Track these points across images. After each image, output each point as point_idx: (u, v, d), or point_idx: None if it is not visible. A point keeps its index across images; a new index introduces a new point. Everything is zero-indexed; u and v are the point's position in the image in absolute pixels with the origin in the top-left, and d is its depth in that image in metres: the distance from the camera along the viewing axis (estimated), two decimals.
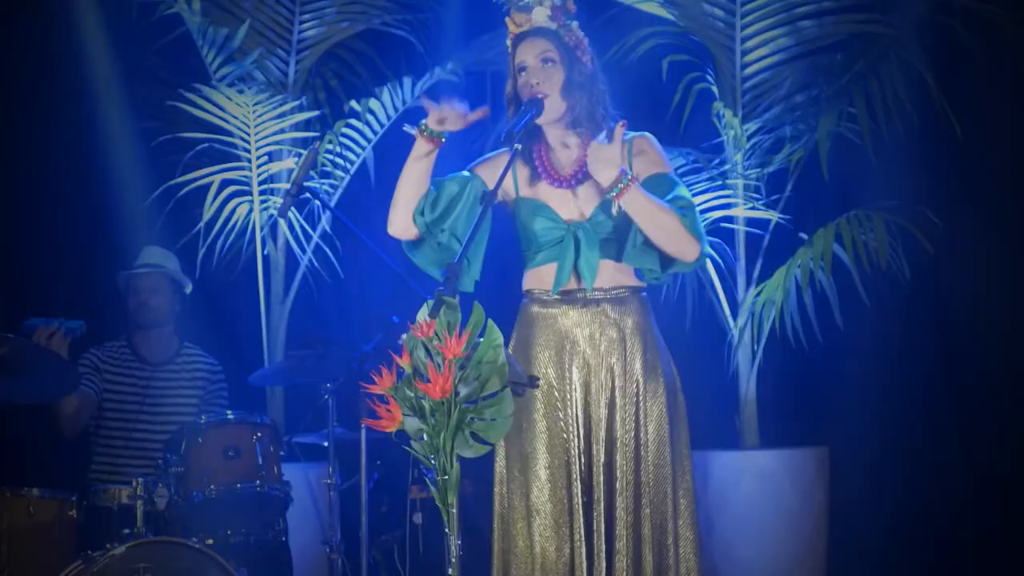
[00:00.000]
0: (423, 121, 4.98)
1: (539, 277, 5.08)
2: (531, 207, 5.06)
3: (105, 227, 7.80)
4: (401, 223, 5.07)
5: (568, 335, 5.02)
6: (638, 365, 5.00)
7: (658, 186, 4.98)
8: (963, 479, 7.38)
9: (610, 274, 5.02)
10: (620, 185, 4.84)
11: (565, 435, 4.97)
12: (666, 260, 5.01)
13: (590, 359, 5.00)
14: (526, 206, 5.07)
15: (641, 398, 4.98)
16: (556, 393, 5.00)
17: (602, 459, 4.95)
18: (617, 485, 4.93)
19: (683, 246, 4.94)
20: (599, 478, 4.95)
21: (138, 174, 7.84)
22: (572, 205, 5.05)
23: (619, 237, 4.99)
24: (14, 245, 7.75)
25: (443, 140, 4.99)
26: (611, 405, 4.98)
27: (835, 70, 7.53)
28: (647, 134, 5.14)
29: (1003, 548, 7.37)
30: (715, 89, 7.57)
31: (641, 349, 5.00)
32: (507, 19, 5.13)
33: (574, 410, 4.98)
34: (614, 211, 4.94)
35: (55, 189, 7.85)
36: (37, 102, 7.86)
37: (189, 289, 7.39)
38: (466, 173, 5.14)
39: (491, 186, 4.96)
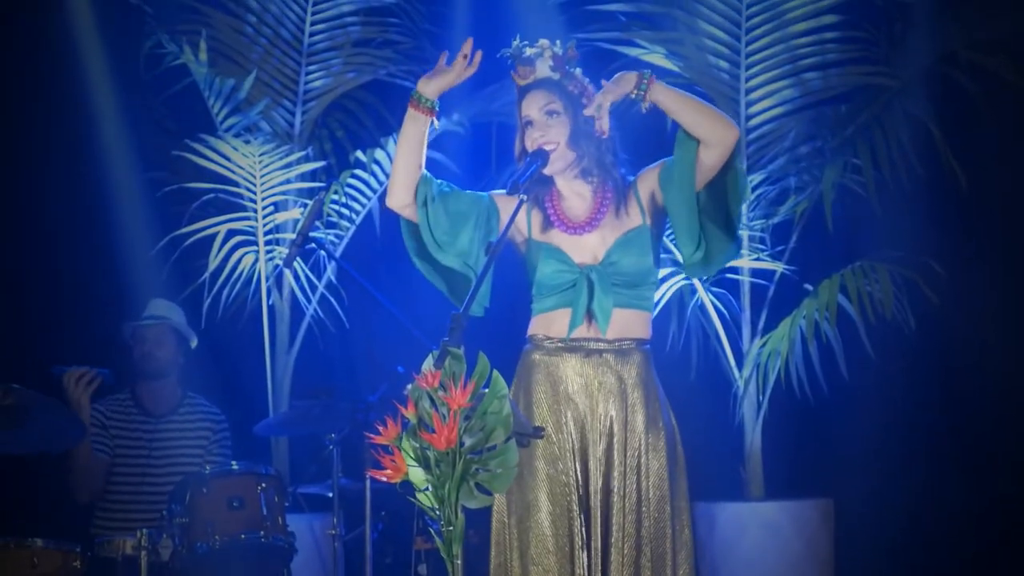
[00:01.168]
0: (414, 90, 4.98)
1: (547, 322, 5.05)
2: (543, 250, 5.04)
3: (111, 277, 7.81)
4: (398, 199, 5.05)
5: (568, 383, 4.99)
6: (640, 418, 4.97)
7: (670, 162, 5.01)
8: (968, 531, 7.36)
9: (619, 323, 5.00)
10: (644, 82, 4.90)
11: (566, 484, 4.94)
12: (717, 257, 5.04)
13: (587, 409, 4.97)
14: (538, 249, 5.05)
15: (642, 452, 4.96)
16: (555, 442, 4.98)
17: (599, 511, 4.93)
18: (613, 539, 4.91)
19: (723, 128, 4.92)
20: (597, 530, 4.92)
21: (144, 224, 7.86)
22: (585, 250, 5.03)
23: (632, 282, 4.99)
24: (19, 295, 7.76)
25: (435, 109, 4.98)
26: (609, 456, 4.95)
27: (840, 121, 7.55)
28: (643, 170, 5.14)
29: None
30: None
31: (643, 402, 4.98)
32: (512, 73, 5.15)
33: (573, 460, 4.96)
34: (644, 109, 4.94)
35: (61, 239, 7.87)
36: (45, 152, 7.89)
37: (194, 344, 7.39)
38: (482, 194, 5.12)
39: (503, 217, 4.99)
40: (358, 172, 7.82)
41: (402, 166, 5.05)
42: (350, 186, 7.83)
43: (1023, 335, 7.31)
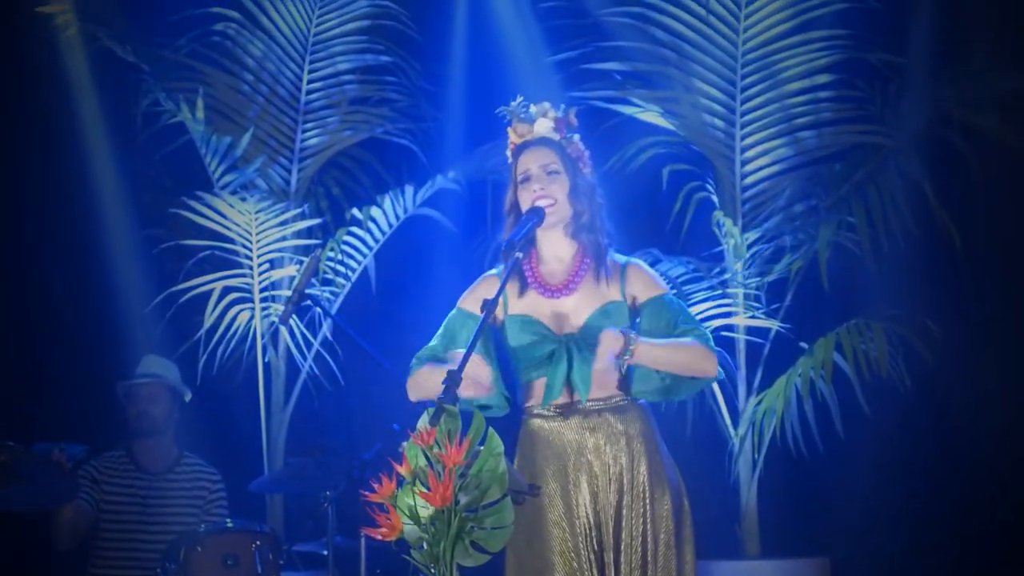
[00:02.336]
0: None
1: (535, 392, 5.05)
2: (520, 323, 5.04)
3: (106, 334, 7.81)
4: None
5: (573, 446, 4.99)
6: (643, 471, 4.97)
7: (659, 310, 4.99)
8: None
9: (603, 384, 4.99)
10: (630, 347, 4.84)
11: (577, 543, 4.94)
12: (672, 389, 5.04)
13: (597, 468, 4.97)
14: (515, 323, 5.05)
15: (648, 504, 4.96)
16: (563, 505, 4.97)
17: (611, 567, 4.92)
18: None
19: (704, 367, 5.00)
20: None
21: (140, 281, 7.86)
22: (564, 316, 5.04)
23: None
24: (13, 352, 7.75)
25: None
26: (618, 512, 4.96)
27: (835, 180, 7.57)
28: (636, 260, 5.15)
29: None
30: (715, 198, 7.61)
31: (646, 455, 4.99)
32: (509, 129, 5.16)
33: (583, 520, 4.95)
34: (622, 370, 4.94)
35: (57, 295, 7.87)
36: (41, 207, 7.90)
37: (188, 398, 7.38)
38: (453, 314, 5.11)
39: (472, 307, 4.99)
40: (354, 229, 7.83)
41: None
42: (346, 243, 7.84)
43: (1018, 394, 7.31)
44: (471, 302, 5.07)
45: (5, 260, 7.75)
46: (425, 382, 4.94)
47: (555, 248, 5.11)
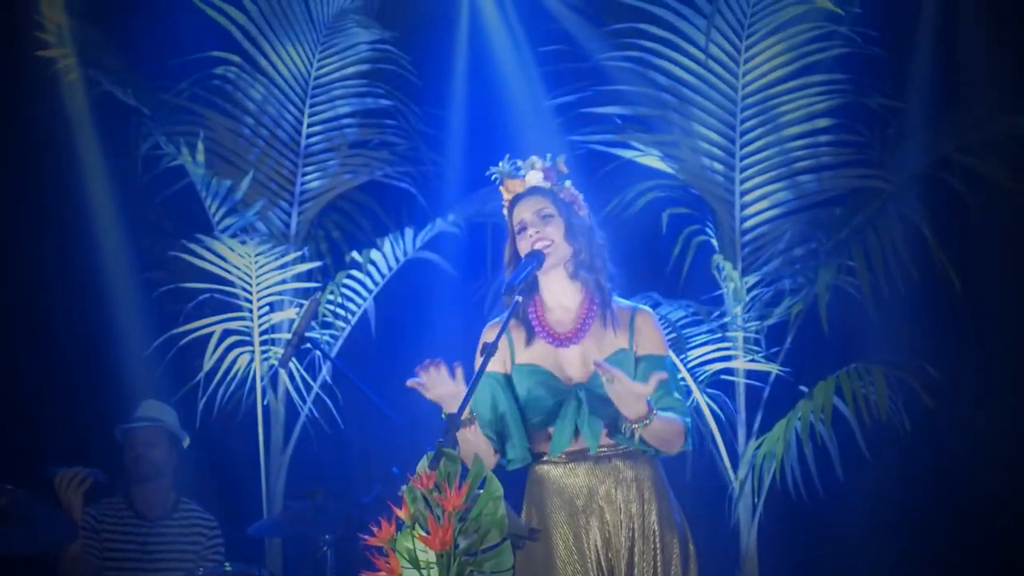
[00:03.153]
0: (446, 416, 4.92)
1: (544, 440, 5.05)
2: (529, 372, 5.04)
3: (106, 378, 7.80)
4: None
5: (583, 493, 4.99)
6: (654, 516, 4.98)
7: (654, 367, 4.96)
8: None
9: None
10: (646, 421, 4.83)
11: None
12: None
13: (608, 514, 4.97)
14: (524, 372, 5.05)
15: (658, 549, 4.96)
16: (575, 550, 4.96)
17: None
18: None
19: (678, 444, 5.01)
20: None
21: (139, 324, 7.86)
22: (572, 365, 5.04)
23: None
24: (13, 394, 7.74)
25: (469, 422, 4.96)
26: (630, 556, 4.95)
27: (834, 224, 7.58)
28: (649, 311, 5.15)
29: None
30: (715, 242, 7.62)
31: (656, 500, 5.00)
32: (500, 187, 5.18)
33: (595, 564, 4.95)
34: (628, 435, 4.92)
35: (57, 338, 7.87)
36: (41, 250, 7.91)
37: (186, 444, 7.36)
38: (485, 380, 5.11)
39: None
40: (353, 272, 7.83)
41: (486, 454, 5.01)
42: (346, 286, 7.84)
43: (1018, 438, 7.30)
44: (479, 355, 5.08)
45: (4, 301, 7.75)
46: None
47: (560, 294, 5.12)
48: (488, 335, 5.06)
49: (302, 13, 7.97)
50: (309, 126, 8.12)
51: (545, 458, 5.04)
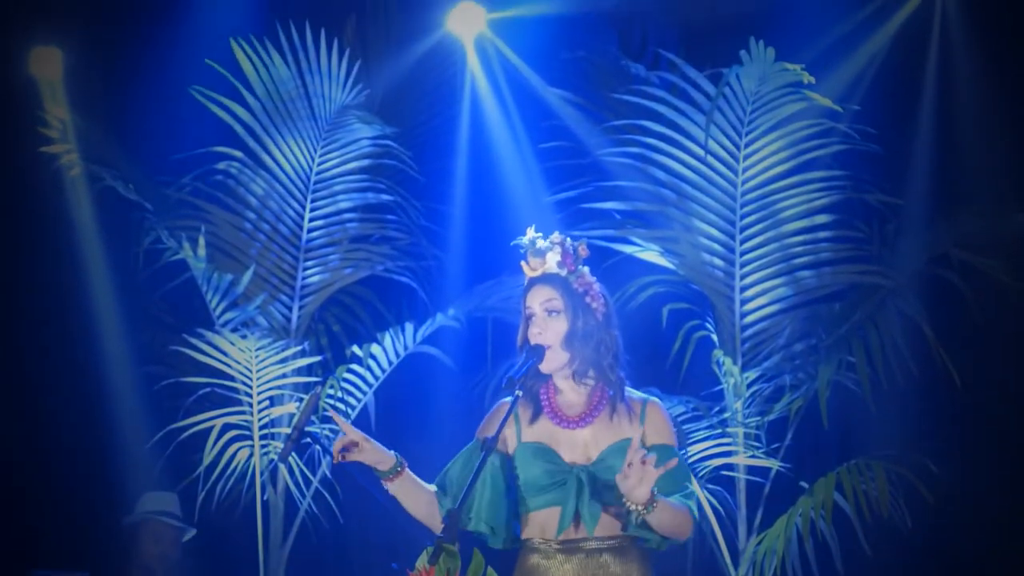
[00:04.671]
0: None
1: (539, 523, 5.02)
2: (532, 450, 5.03)
3: (106, 472, 7.79)
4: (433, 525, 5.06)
5: None
6: None
7: (664, 457, 4.93)
8: None
9: (610, 521, 4.99)
10: (652, 506, 4.79)
11: None
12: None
13: None
14: (527, 450, 5.04)
15: None
16: None
17: None
18: None
19: (684, 532, 5.00)
20: None
21: (140, 418, 7.86)
22: (577, 447, 5.03)
23: None
24: (12, 489, 7.73)
25: (399, 468, 4.98)
26: None
27: (834, 319, 7.59)
28: (659, 403, 5.14)
29: None
30: (715, 337, 7.63)
31: None
32: (523, 263, 5.17)
33: None
34: (635, 521, 4.91)
35: (56, 432, 7.86)
36: (42, 343, 7.92)
37: (188, 536, 7.34)
38: (471, 445, 5.12)
39: (491, 426, 4.99)
40: (354, 367, 7.83)
41: (422, 512, 5.03)
42: (346, 380, 7.84)
43: (1020, 534, 7.27)
44: (484, 429, 5.10)
45: (4, 396, 7.75)
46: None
47: (568, 383, 5.12)
48: (498, 415, 5.07)
49: (304, 109, 8.01)
50: (310, 220, 8.14)
51: (536, 544, 5.02)
